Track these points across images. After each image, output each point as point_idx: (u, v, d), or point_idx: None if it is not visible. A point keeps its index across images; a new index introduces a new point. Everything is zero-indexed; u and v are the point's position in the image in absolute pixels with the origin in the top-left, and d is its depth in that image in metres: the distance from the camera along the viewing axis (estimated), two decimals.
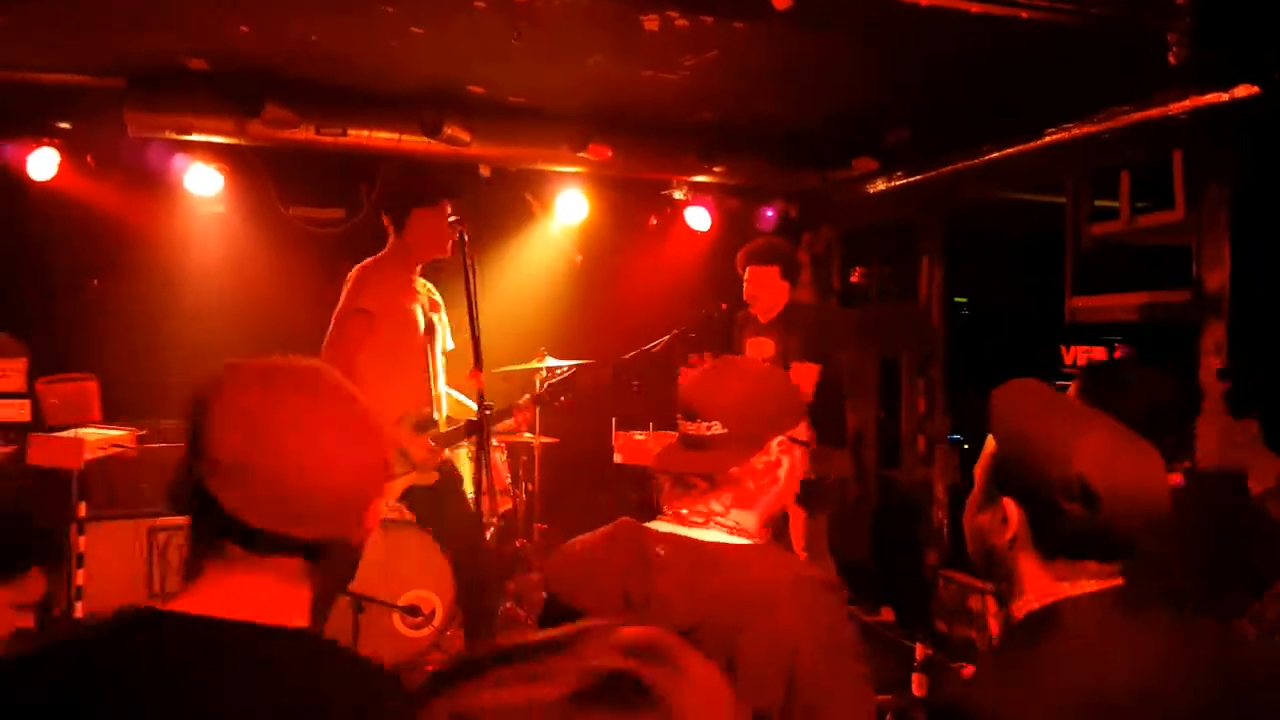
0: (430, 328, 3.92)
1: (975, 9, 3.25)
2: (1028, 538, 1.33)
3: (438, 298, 4.03)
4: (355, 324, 3.71)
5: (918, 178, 5.28)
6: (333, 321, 3.74)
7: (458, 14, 3.69)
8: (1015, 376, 1.42)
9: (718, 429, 1.67)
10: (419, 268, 3.90)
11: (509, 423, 4.02)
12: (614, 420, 5.11)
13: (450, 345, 4.05)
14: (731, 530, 1.64)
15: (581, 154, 5.29)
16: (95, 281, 5.29)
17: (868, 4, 3.34)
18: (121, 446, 4.05)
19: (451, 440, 3.96)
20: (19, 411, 4.84)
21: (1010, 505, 1.35)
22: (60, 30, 3.97)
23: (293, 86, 4.70)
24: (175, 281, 5.34)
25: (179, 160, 5.01)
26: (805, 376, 4.23)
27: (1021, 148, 4.32)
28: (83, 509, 3.97)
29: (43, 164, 4.83)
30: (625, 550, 1.63)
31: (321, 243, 5.60)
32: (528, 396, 3.97)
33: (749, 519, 1.67)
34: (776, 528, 2.11)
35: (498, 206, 5.75)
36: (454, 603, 4.22)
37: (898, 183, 5.44)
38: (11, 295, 4.97)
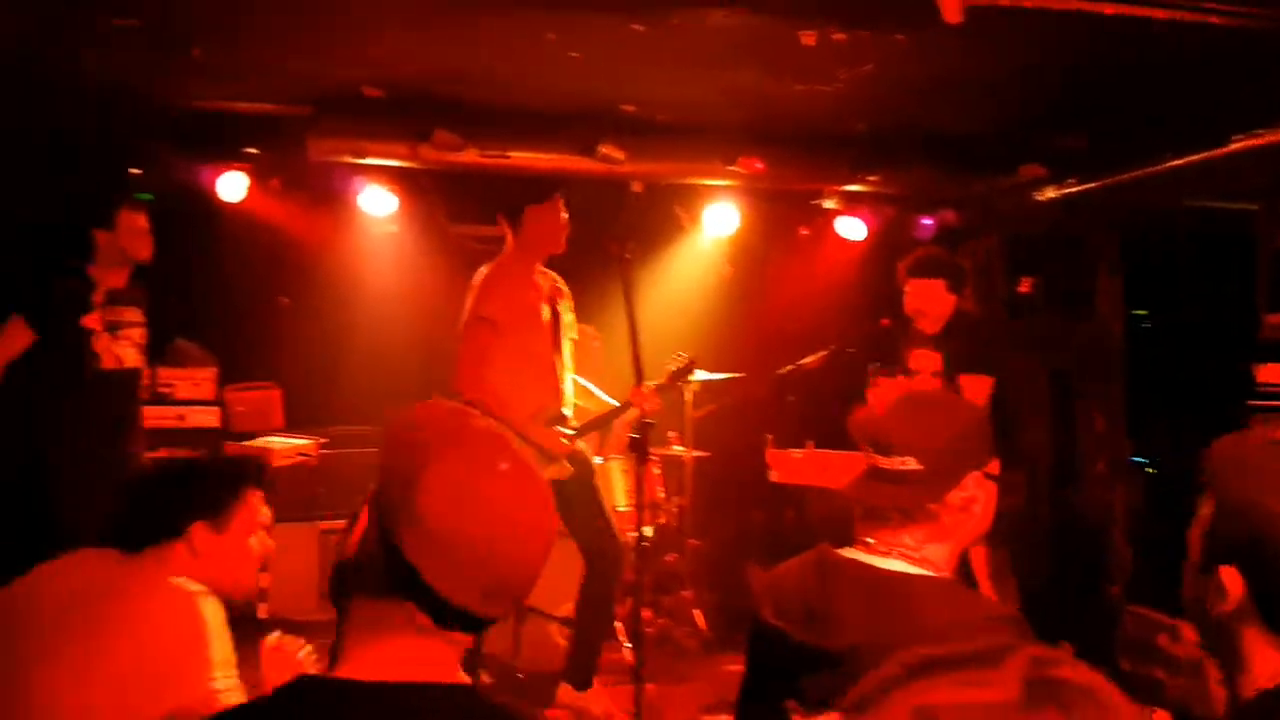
0: (555, 319, 3.98)
1: (1162, 15, 3.09)
2: (1252, 610, 1.26)
3: (562, 285, 4.09)
4: (481, 332, 3.85)
5: (1093, 185, 5.17)
6: (461, 329, 3.87)
7: (615, 37, 3.77)
8: (1202, 395, 1.35)
9: (913, 464, 1.69)
10: (539, 263, 3.98)
11: (634, 412, 3.98)
12: (769, 437, 5.04)
13: (573, 334, 4.13)
14: (916, 562, 1.68)
15: (732, 167, 5.31)
16: (284, 298, 5.65)
17: (1046, 15, 3.25)
18: (306, 455, 4.25)
19: (584, 432, 4.07)
20: (209, 418, 5.17)
21: (1231, 575, 1.28)
22: (251, 62, 4.22)
23: (459, 111, 4.88)
24: (351, 297, 5.62)
25: (356, 182, 5.31)
26: (978, 390, 4.14)
27: (1206, 155, 4.25)
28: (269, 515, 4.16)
29: (233, 187, 5.14)
30: (813, 573, 1.71)
31: (484, 259, 5.71)
32: (651, 384, 3.88)
33: (939, 552, 1.70)
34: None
35: (649, 221, 5.79)
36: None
37: (1070, 190, 5.33)
38: (203, 309, 5.30)
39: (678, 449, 5.33)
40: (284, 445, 4.21)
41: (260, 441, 4.25)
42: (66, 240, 4.06)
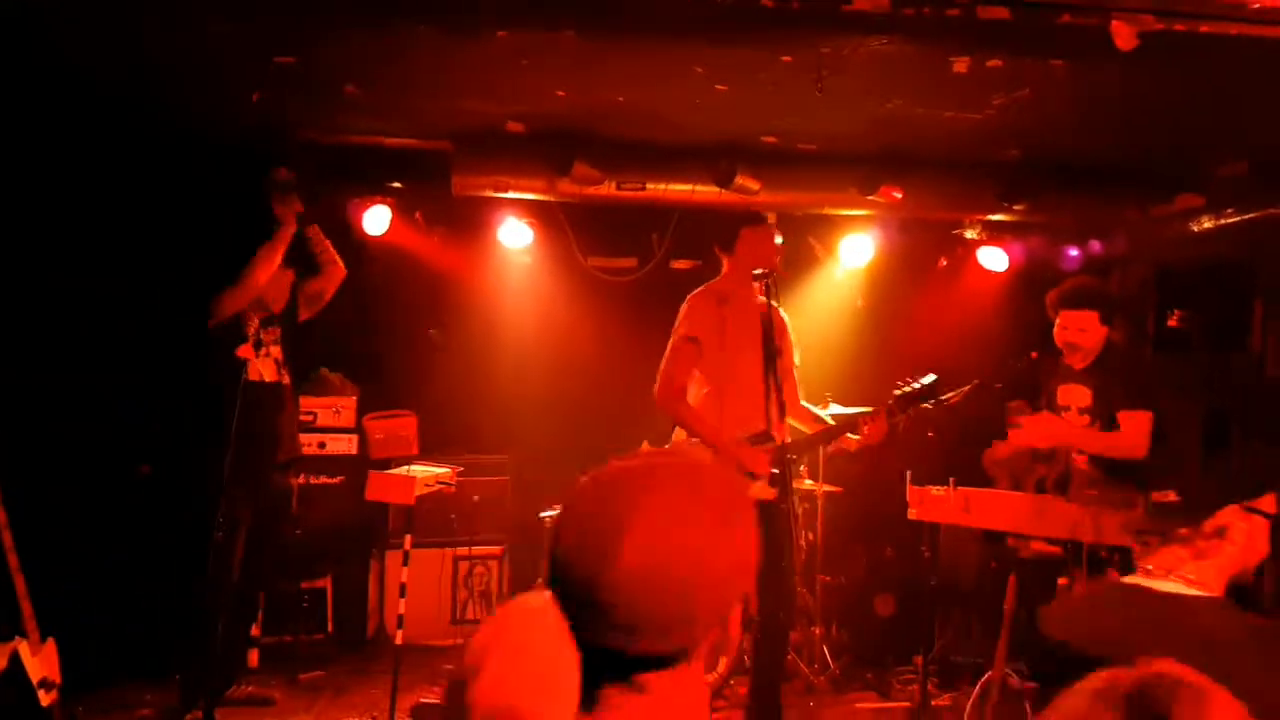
0: (768, 341, 3.95)
1: None
2: None
3: (784, 316, 4.19)
4: (684, 350, 4.02)
5: (1252, 215, 5.14)
6: (668, 347, 4.07)
7: (764, 69, 3.79)
8: None
9: (1172, 497, 1.99)
10: (757, 285, 4.00)
11: (854, 437, 4.06)
12: (908, 474, 4.94)
13: (797, 361, 4.26)
14: (1189, 583, 1.93)
15: (871, 197, 5.29)
16: (433, 330, 5.89)
17: (1210, 39, 3.19)
18: (446, 484, 4.40)
19: (798, 451, 4.13)
20: (348, 445, 5.38)
21: None
22: (397, 99, 4.34)
23: (598, 144, 4.95)
24: (488, 327, 5.78)
25: (495, 215, 5.47)
26: (1138, 426, 4.01)
27: None
28: (408, 541, 4.31)
29: (377, 220, 5.33)
30: (1104, 599, 2.00)
31: (615, 290, 5.91)
32: (877, 408, 3.96)
33: (1208, 573, 1.95)
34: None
35: (787, 252, 5.66)
36: (741, 648, 4.21)
37: (1229, 220, 5.31)
38: (345, 338, 5.49)
39: (809, 484, 5.27)
40: (425, 473, 4.35)
41: (401, 469, 4.38)
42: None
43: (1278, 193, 4.90)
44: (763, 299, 3.96)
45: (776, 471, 3.81)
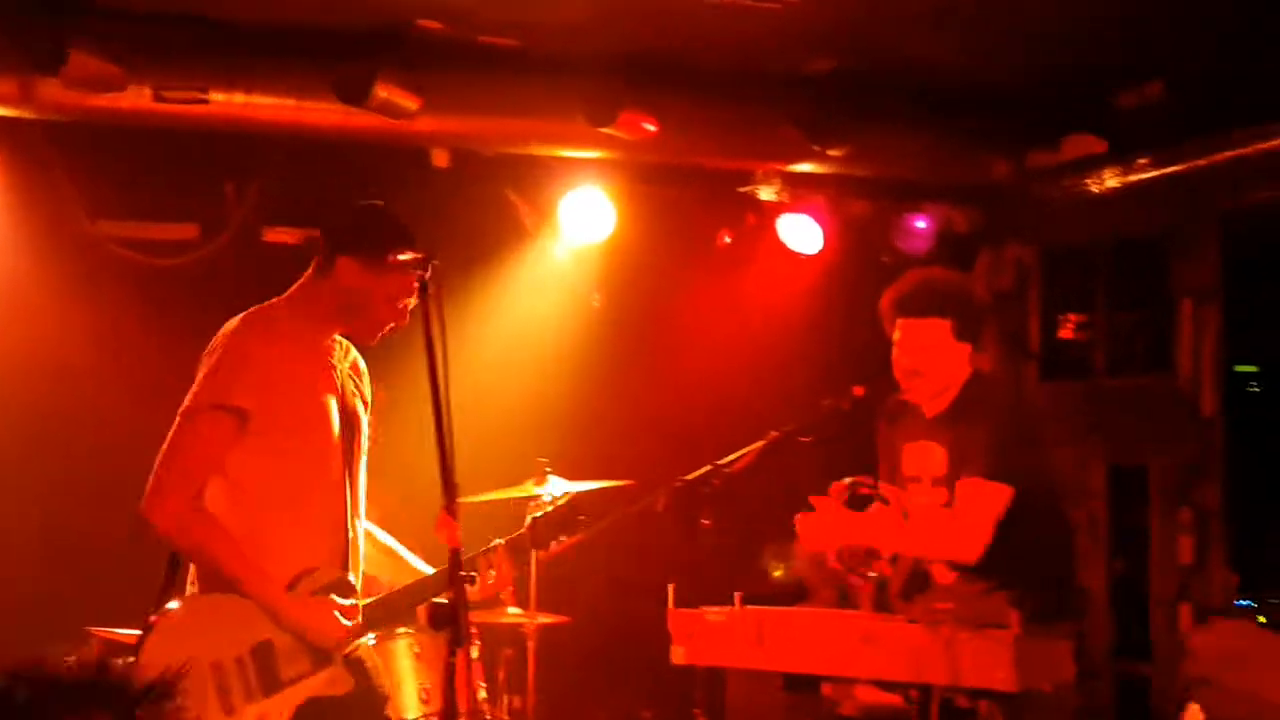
0: (351, 422, 3.81)
1: None
2: None
3: (360, 362, 3.95)
4: (219, 427, 3.63)
5: (1176, 168, 5.20)
6: (177, 420, 3.62)
7: None
8: None
9: None
10: (336, 332, 3.81)
11: (472, 588, 3.71)
12: (670, 588, 4.53)
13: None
14: None
15: (606, 129, 5.27)
16: None
17: None
18: None
19: (384, 619, 3.91)
20: None
21: None
22: None
23: (114, 20, 4.80)
24: None
25: None
26: (984, 505, 4.00)
27: None
28: None
29: None
30: None
31: (155, 280, 5.73)
32: (501, 541, 3.81)
33: None
34: None
35: (464, 216, 5.72)
36: None
37: (1140, 176, 5.34)
38: None
39: (514, 613, 5.20)
40: None
41: None
42: None
43: (1209, 134, 5.01)
44: (344, 345, 3.84)
45: (368, 642, 3.79)
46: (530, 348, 6.12)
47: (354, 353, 3.93)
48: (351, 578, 3.78)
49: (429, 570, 3.91)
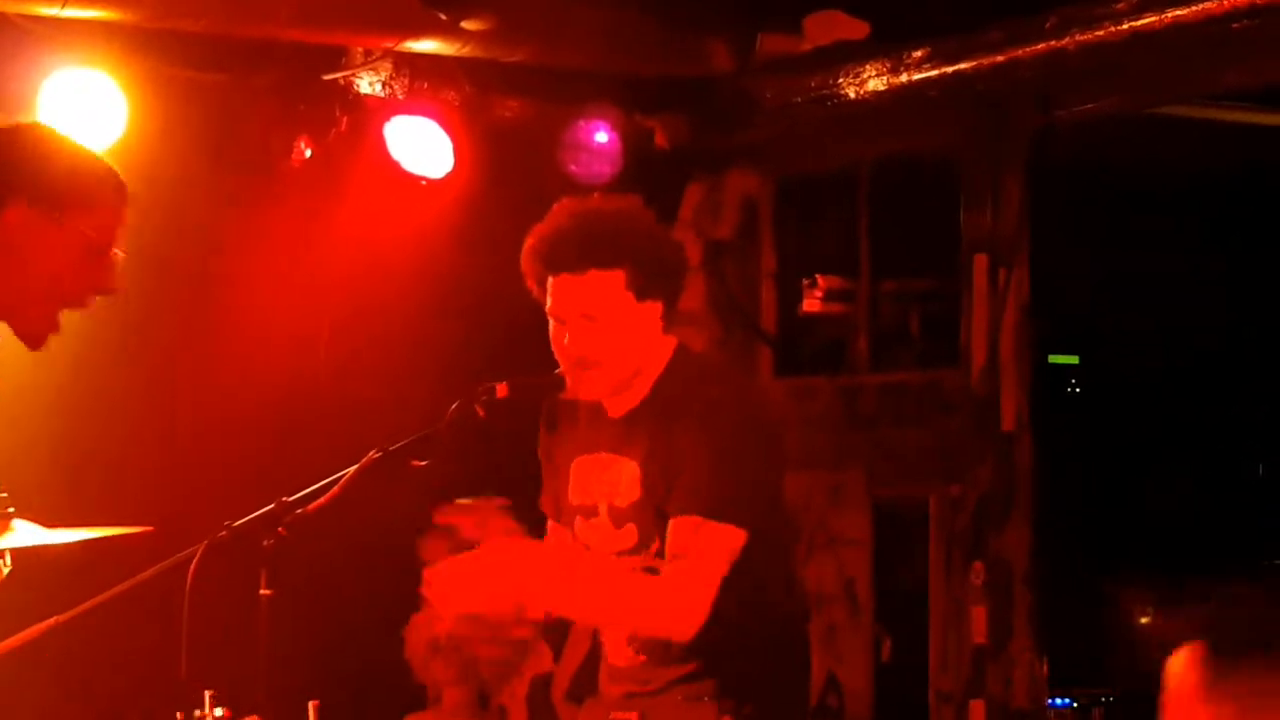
0: None
1: None
2: None
3: None
4: None
5: (964, 65, 5.13)
6: None
7: None
8: (1208, 531, 3.96)
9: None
10: None
11: None
12: (207, 695, 3.70)
13: None
14: None
15: None
16: None
17: None
18: None
19: None
20: None
21: None
22: None
23: None
24: None
25: None
26: (710, 554, 3.56)
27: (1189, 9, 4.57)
28: None
29: None
30: None
31: None
32: None
33: None
34: None
35: None
36: None
37: (916, 75, 5.28)
38: None
39: None
40: None
41: None
42: None
43: (998, 21, 4.96)
44: None
45: None
46: None
47: None
48: None
49: None
